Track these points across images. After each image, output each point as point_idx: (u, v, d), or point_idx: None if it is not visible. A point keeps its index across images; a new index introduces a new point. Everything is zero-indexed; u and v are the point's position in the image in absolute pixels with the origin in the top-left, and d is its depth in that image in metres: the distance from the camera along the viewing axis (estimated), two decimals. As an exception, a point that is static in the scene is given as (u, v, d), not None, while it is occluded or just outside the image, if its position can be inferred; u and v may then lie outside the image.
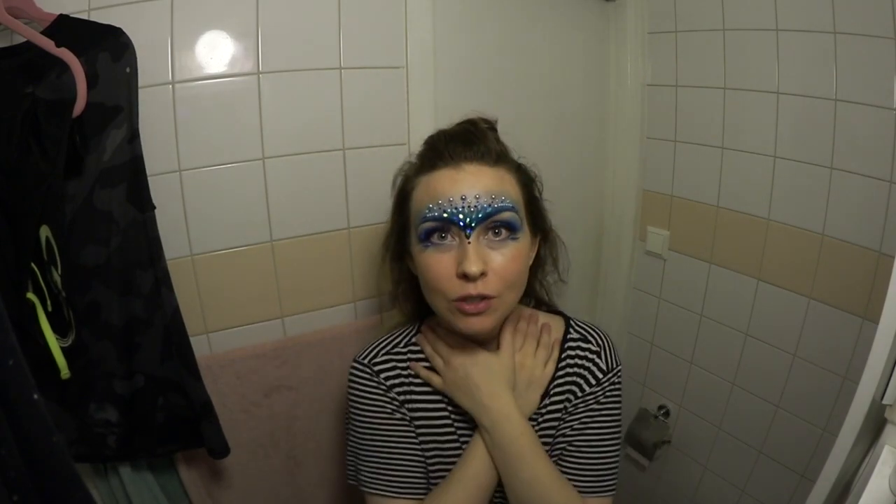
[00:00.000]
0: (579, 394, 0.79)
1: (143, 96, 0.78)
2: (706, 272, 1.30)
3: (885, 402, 0.64)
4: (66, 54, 0.69)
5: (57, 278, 0.75)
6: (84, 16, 0.77)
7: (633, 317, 1.52)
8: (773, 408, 1.20)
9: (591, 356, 0.81)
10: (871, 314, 0.99)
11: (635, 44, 1.33)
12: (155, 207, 0.79)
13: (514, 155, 0.77)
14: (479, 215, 0.67)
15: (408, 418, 0.79)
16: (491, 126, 0.77)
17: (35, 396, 0.54)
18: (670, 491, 1.49)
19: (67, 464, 0.58)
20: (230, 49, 0.89)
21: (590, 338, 0.83)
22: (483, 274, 0.67)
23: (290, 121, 0.95)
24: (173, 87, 0.85)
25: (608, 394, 0.79)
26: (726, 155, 1.21)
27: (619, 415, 0.80)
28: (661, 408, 1.47)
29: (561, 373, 0.81)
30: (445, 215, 0.68)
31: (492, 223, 0.68)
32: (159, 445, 0.88)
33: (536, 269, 0.83)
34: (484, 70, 1.17)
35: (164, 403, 0.85)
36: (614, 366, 0.81)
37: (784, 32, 1.06)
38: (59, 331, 0.75)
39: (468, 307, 0.68)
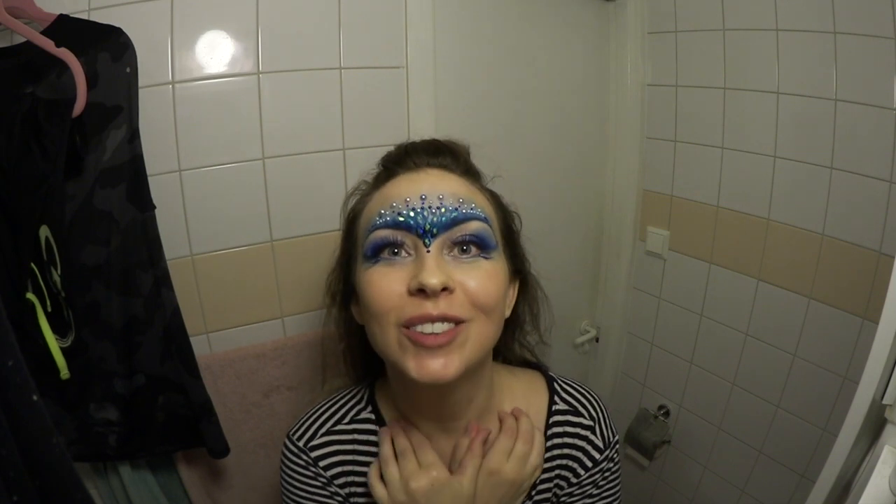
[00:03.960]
0: (573, 480, 0.66)
1: (143, 96, 0.78)
2: (706, 272, 1.30)
3: (885, 402, 0.64)
4: (65, 54, 0.69)
5: (56, 278, 0.74)
6: (84, 16, 0.77)
7: (633, 317, 1.52)
8: (773, 408, 1.20)
9: (583, 433, 0.66)
10: (871, 314, 1.00)
11: (635, 44, 1.33)
12: (155, 207, 0.79)
13: (486, 181, 0.66)
14: (443, 219, 0.53)
15: None
16: (463, 147, 0.66)
17: (35, 398, 0.54)
18: (670, 491, 1.49)
19: (67, 465, 0.58)
20: (230, 49, 0.89)
21: (581, 409, 0.68)
22: (446, 290, 0.51)
23: (290, 121, 0.95)
24: (173, 87, 0.85)
25: (606, 475, 0.66)
26: (726, 155, 1.21)
27: (619, 496, 0.68)
28: (661, 408, 1.47)
29: (548, 464, 0.66)
30: (401, 219, 0.53)
31: (458, 235, 0.54)
32: (160, 444, 0.87)
33: (514, 327, 0.68)
34: (484, 70, 1.17)
35: (165, 402, 0.85)
36: (612, 439, 0.67)
37: (784, 32, 1.06)
38: (59, 331, 0.75)
39: (426, 338, 0.50)
